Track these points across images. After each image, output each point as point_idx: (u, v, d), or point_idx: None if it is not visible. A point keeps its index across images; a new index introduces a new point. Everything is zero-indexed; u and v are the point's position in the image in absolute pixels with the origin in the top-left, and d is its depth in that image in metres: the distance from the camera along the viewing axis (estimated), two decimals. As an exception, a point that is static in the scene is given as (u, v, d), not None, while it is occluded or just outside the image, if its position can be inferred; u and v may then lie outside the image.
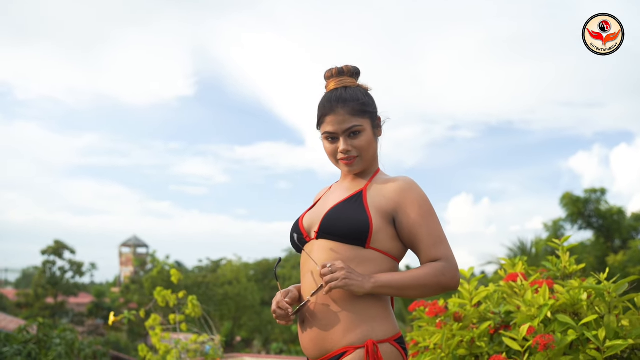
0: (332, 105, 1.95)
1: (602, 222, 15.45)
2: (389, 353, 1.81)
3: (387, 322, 1.87)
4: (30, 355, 8.33)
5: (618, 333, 2.33)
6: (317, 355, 1.88)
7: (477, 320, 2.73)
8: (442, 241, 1.87)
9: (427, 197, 1.92)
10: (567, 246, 2.90)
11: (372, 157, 2.01)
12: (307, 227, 1.98)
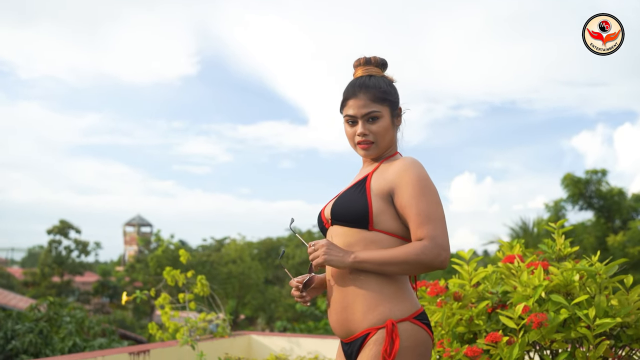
0: (355, 90, 2.07)
1: (602, 203, 15.53)
2: (409, 330, 1.90)
3: (405, 300, 1.96)
4: (42, 332, 8.53)
5: (607, 312, 2.48)
6: (345, 335, 2.00)
7: (476, 299, 2.87)
8: (430, 221, 1.91)
9: (423, 177, 1.97)
10: (562, 230, 3.03)
11: (388, 144, 2.10)
12: (327, 215, 2.11)
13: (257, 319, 33.95)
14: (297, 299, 2.07)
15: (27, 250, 54.72)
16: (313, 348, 5.29)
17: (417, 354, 1.91)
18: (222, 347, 5.11)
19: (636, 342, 2.56)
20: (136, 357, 4.30)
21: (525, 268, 2.79)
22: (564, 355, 2.46)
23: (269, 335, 5.74)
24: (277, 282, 37.88)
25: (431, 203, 1.94)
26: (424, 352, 1.93)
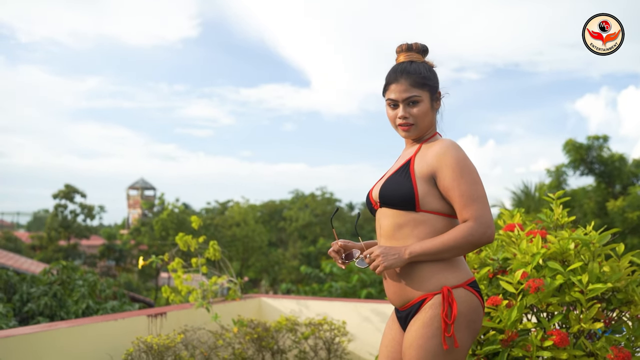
0: (397, 76, 2.22)
1: (603, 169, 15.67)
2: (463, 296, 2.08)
3: (459, 269, 2.13)
4: (56, 295, 8.80)
5: (600, 278, 2.67)
6: (401, 304, 2.18)
7: (478, 265, 3.06)
8: (472, 201, 2.05)
9: (462, 158, 2.10)
10: (560, 200, 3.21)
11: (427, 126, 2.25)
12: (374, 197, 2.27)
13: (261, 281, 34.45)
14: (336, 261, 2.25)
15: (32, 214, 55.20)
16: (321, 310, 5.52)
17: (469, 320, 2.08)
18: (234, 310, 5.34)
19: (625, 305, 2.75)
20: (154, 320, 4.52)
21: (524, 236, 2.97)
22: (559, 317, 2.66)
23: (278, 298, 5.97)
24: (280, 244, 38.34)
25: (471, 183, 2.08)
26: (475, 317, 2.11)
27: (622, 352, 2.50)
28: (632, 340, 2.72)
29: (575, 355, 2.57)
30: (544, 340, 2.58)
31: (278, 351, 5.01)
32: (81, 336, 3.98)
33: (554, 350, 2.56)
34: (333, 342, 5.10)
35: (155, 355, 3.95)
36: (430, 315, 2.05)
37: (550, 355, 2.53)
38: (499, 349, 2.59)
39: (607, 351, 2.54)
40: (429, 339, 2.04)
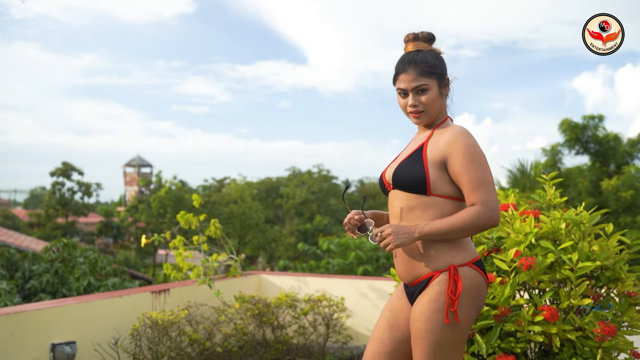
0: (405, 66, 2.31)
1: (598, 148, 15.80)
2: (468, 274, 2.20)
3: (465, 249, 2.25)
4: (58, 272, 8.91)
5: (589, 256, 2.79)
6: (410, 280, 2.30)
7: (474, 243, 3.18)
8: (480, 186, 2.15)
9: (472, 145, 2.20)
10: (553, 181, 3.32)
11: (437, 111, 2.34)
12: (387, 179, 2.38)
13: (258, 258, 34.65)
14: (349, 232, 2.35)
15: (29, 192, 55.21)
16: (320, 287, 5.65)
17: (473, 295, 2.21)
18: (235, 286, 5.47)
19: (613, 283, 2.88)
20: (158, 296, 4.64)
21: (518, 216, 3.09)
22: (549, 294, 2.79)
23: (278, 275, 6.10)
24: (277, 221, 38.49)
25: (480, 170, 2.18)
26: (479, 293, 2.23)
27: (608, 326, 2.63)
28: (618, 315, 2.85)
29: (564, 329, 2.70)
30: (535, 316, 2.70)
31: (278, 326, 5.14)
32: (88, 312, 4.10)
33: (544, 325, 2.69)
34: (332, 317, 5.23)
35: (161, 331, 4.08)
36: (437, 291, 2.18)
37: (540, 329, 2.66)
38: (492, 323, 2.72)
39: (594, 326, 2.67)
40: (435, 313, 2.17)
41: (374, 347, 2.40)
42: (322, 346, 5.29)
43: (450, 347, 2.19)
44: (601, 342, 2.64)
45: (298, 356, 5.25)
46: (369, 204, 32.48)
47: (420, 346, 2.20)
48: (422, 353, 2.20)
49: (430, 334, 2.17)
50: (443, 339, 2.17)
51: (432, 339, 2.17)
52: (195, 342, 4.29)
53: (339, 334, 5.30)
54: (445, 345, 2.18)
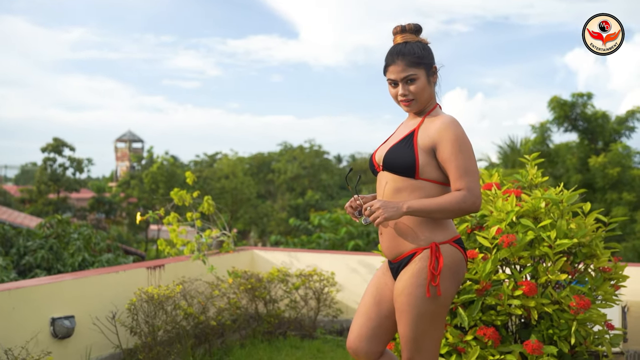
0: (394, 58, 2.44)
1: (587, 125, 15.97)
2: (449, 251, 2.35)
3: (446, 228, 2.40)
4: (52, 248, 9.01)
5: (567, 234, 2.93)
6: (393, 256, 2.45)
7: (458, 221, 3.31)
8: (467, 174, 2.31)
9: (460, 135, 2.35)
10: (535, 161, 3.44)
11: (427, 99, 2.47)
12: (377, 160, 2.51)
13: (250, 233, 34.83)
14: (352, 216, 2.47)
15: (20, 168, 54.99)
16: (311, 262, 5.80)
17: (453, 271, 2.36)
18: (228, 262, 5.60)
19: (589, 259, 3.03)
20: (153, 272, 4.77)
21: (500, 195, 3.22)
22: (528, 269, 2.93)
23: (270, 250, 6.23)
24: (269, 196, 38.63)
25: (467, 159, 2.33)
26: (459, 270, 2.38)
27: (583, 300, 2.78)
28: (593, 289, 3.01)
29: (542, 303, 2.85)
30: (514, 290, 2.85)
31: (270, 301, 5.30)
32: (86, 287, 4.22)
33: (523, 298, 2.83)
34: (322, 292, 5.39)
35: (157, 305, 4.21)
36: (419, 267, 2.33)
37: (519, 303, 2.81)
38: (474, 297, 2.87)
39: (570, 299, 2.82)
40: (417, 287, 2.32)
41: (361, 321, 2.54)
42: (313, 319, 5.45)
43: (431, 319, 2.33)
44: (576, 315, 2.79)
45: (290, 329, 5.41)
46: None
47: (403, 319, 2.35)
48: (406, 325, 2.35)
49: (412, 307, 2.32)
50: (425, 312, 2.32)
51: (415, 312, 2.32)
52: (190, 316, 4.43)
53: (330, 307, 5.46)
54: (427, 318, 2.32)
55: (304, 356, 4.73)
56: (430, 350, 2.38)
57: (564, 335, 2.84)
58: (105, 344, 4.22)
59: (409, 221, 2.39)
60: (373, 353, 2.52)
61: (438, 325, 2.37)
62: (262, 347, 4.90)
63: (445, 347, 2.85)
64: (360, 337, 2.52)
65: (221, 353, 4.73)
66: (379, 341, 2.52)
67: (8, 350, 3.40)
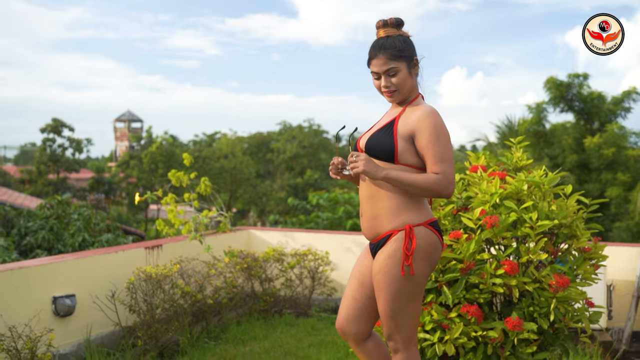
0: (376, 52, 2.57)
1: (582, 106, 16.02)
2: (423, 233, 2.48)
3: (422, 211, 2.53)
4: (53, 229, 9.14)
5: (548, 215, 3.04)
6: (371, 237, 2.58)
7: (444, 203, 3.42)
8: (443, 160, 2.43)
9: (439, 124, 2.47)
10: (520, 145, 3.55)
11: (408, 90, 2.59)
12: (361, 146, 2.64)
13: (249, 212, 34.99)
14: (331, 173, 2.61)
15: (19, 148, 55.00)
16: (307, 241, 5.93)
17: (427, 252, 2.48)
18: (225, 241, 5.73)
19: (570, 239, 3.14)
20: (151, 252, 4.90)
21: (486, 177, 3.33)
22: (510, 249, 3.05)
23: (266, 230, 6.36)
24: (268, 176, 38.73)
25: (444, 147, 2.46)
26: (433, 250, 2.51)
27: (562, 278, 2.90)
28: (574, 269, 3.13)
29: (524, 282, 2.97)
30: (497, 269, 2.97)
31: (266, 279, 5.43)
32: (86, 267, 4.35)
33: (505, 277, 2.95)
34: (317, 271, 5.52)
35: (155, 284, 4.34)
36: (394, 247, 2.46)
37: (501, 282, 2.93)
38: (458, 276, 2.98)
39: (550, 278, 2.94)
40: (393, 267, 2.45)
41: (347, 303, 2.69)
42: (307, 298, 5.59)
43: (407, 297, 2.47)
44: (555, 293, 2.91)
45: (285, 307, 5.55)
46: None
47: (381, 297, 2.49)
48: (383, 303, 2.49)
49: (388, 286, 2.46)
50: (400, 290, 2.45)
51: (391, 290, 2.46)
52: (187, 295, 4.56)
53: (324, 286, 5.60)
54: (402, 295, 2.46)
55: (299, 333, 4.87)
56: (408, 327, 2.51)
57: (544, 312, 2.95)
58: (105, 321, 4.36)
59: (386, 203, 2.51)
60: (361, 334, 2.66)
61: (414, 303, 2.50)
62: (258, 325, 5.04)
63: (430, 324, 2.96)
64: (348, 319, 2.66)
65: (218, 330, 4.87)
66: (365, 322, 2.66)
67: (12, 327, 3.52)
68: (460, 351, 2.96)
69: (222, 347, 4.48)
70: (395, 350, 2.55)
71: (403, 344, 2.53)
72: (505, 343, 2.94)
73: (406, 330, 2.51)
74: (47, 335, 3.70)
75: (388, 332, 2.53)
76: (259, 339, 4.70)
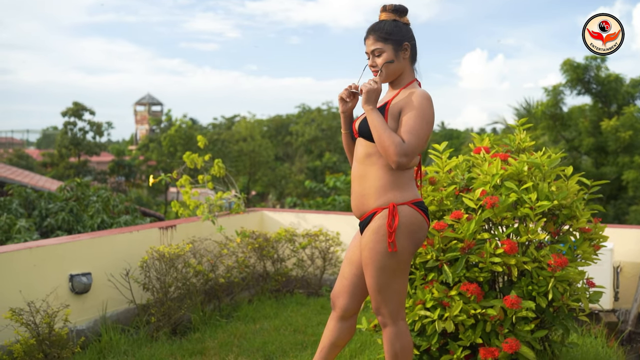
0: (367, 33, 2.73)
1: (600, 88, 15.82)
2: (406, 211, 2.57)
3: (407, 191, 2.62)
4: (72, 211, 9.32)
5: (548, 196, 3.09)
6: (359, 215, 2.69)
7: (447, 184, 3.49)
8: (414, 135, 2.51)
9: (427, 106, 2.56)
10: (524, 126, 3.59)
11: (392, 72, 2.69)
12: (356, 128, 2.75)
13: (269, 195, 35.17)
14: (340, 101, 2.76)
15: (41, 132, 55.62)
16: (318, 222, 6.02)
17: (410, 229, 2.58)
18: (238, 222, 5.84)
19: (570, 220, 3.20)
20: (165, 232, 5.02)
21: (488, 159, 3.38)
22: (510, 230, 3.11)
23: (279, 211, 6.46)
24: (287, 159, 38.84)
25: (420, 125, 2.54)
26: (416, 229, 2.60)
27: (560, 258, 2.96)
28: (573, 249, 3.18)
29: (523, 261, 3.03)
30: (496, 249, 3.03)
31: (278, 260, 5.54)
32: (102, 246, 4.48)
33: (504, 256, 3.02)
34: (328, 251, 5.61)
35: (167, 263, 4.46)
36: (378, 225, 2.57)
37: (500, 261, 3.00)
38: (458, 255, 3.06)
39: (549, 258, 3.00)
40: (377, 243, 2.56)
41: (339, 281, 2.85)
42: (318, 278, 5.70)
43: (391, 273, 2.58)
44: (554, 272, 2.97)
45: (296, 287, 5.66)
46: None
47: (367, 272, 2.61)
48: (370, 277, 2.61)
49: (373, 261, 2.57)
50: (384, 266, 2.56)
51: (376, 265, 2.57)
52: (199, 274, 4.68)
53: (335, 266, 5.69)
54: (387, 271, 2.57)
55: (309, 312, 4.98)
56: (395, 301, 2.62)
57: (542, 291, 3.02)
58: (120, 299, 4.50)
59: (373, 183, 2.61)
60: (349, 309, 2.80)
61: (399, 279, 2.60)
62: (269, 304, 5.15)
63: (431, 302, 3.04)
64: (337, 293, 2.83)
65: (230, 309, 4.99)
66: (353, 298, 2.80)
67: (30, 303, 3.67)
68: (460, 328, 3.03)
69: (233, 324, 4.60)
70: (383, 324, 2.67)
71: (390, 318, 2.64)
72: (504, 321, 3.01)
73: (393, 304, 2.62)
74: (64, 310, 3.83)
75: (376, 305, 2.64)
76: (270, 317, 4.82)
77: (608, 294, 4.61)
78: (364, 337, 4.15)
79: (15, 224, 8.07)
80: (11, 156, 30.77)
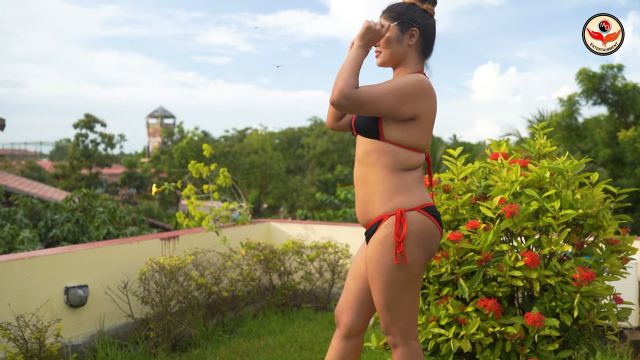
0: (382, 12, 2.51)
1: (617, 98, 15.49)
2: (416, 217, 2.32)
3: (416, 194, 2.38)
4: (78, 221, 9.18)
5: (572, 204, 2.85)
6: (364, 223, 2.45)
7: (462, 192, 3.26)
8: (370, 89, 2.26)
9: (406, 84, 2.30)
10: (544, 130, 3.37)
11: (390, 54, 2.46)
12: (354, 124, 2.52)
13: (280, 208, 35.01)
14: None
15: (54, 144, 55.85)
16: (327, 234, 5.80)
17: (421, 238, 2.32)
18: (244, 233, 5.64)
19: (596, 230, 2.96)
20: (167, 243, 4.82)
21: (506, 165, 3.16)
22: (532, 241, 2.87)
23: (286, 223, 6.25)
24: (298, 171, 38.69)
25: (385, 88, 2.30)
26: (428, 237, 2.35)
27: (586, 272, 2.71)
28: (600, 262, 2.94)
29: (545, 275, 2.80)
30: (516, 261, 2.80)
31: (285, 272, 5.32)
32: (100, 257, 4.29)
33: (525, 270, 2.78)
34: (337, 264, 5.39)
35: (167, 275, 4.26)
36: (385, 233, 2.31)
37: (521, 274, 2.76)
38: (475, 268, 2.82)
39: (574, 271, 2.76)
40: (384, 254, 2.30)
41: (343, 296, 2.59)
42: (327, 292, 5.47)
43: (401, 287, 2.31)
44: (579, 287, 2.73)
45: (304, 301, 5.43)
46: None
47: (374, 287, 2.35)
48: (377, 293, 2.34)
49: (381, 274, 2.31)
50: (393, 279, 2.30)
51: (384, 279, 2.31)
52: (202, 287, 4.47)
53: (344, 279, 5.47)
54: (396, 285, 2.31)
55: (316, 327, 4.75)
56: (406, 319, 2.37)
57: (567, 307, 2.77)
58: (118, 313, 4.29)
59: (378, 188, 2.38)
60: (354, 327, 2.55)
61: (410, 293, 2.35)
62: (275, 319, 4.93)
63: (445, 319, 2.81)
64: (342, 309, 2.57)
65: (234, 324, 4.78)
66: (359, 314, 2.54)
67: (20, 317, 3.47)
68: (477, 347, 2.80)
69: (236, 340, 4.38)
70: (394, 345, 2.41)
71: (401, 338, 2.38)
72: (525, 340, 2.77)
73: (403, 322, 2.36)
74: (55, 325, 3.64)
75: (385, 324, 2.39)
76: (275, 333, 4.60)
77: (635, 311, 4.36)
78: (373, 356, 3.92)
79: (19, 235, 7.91)
80: (24, 168, 30.84)
